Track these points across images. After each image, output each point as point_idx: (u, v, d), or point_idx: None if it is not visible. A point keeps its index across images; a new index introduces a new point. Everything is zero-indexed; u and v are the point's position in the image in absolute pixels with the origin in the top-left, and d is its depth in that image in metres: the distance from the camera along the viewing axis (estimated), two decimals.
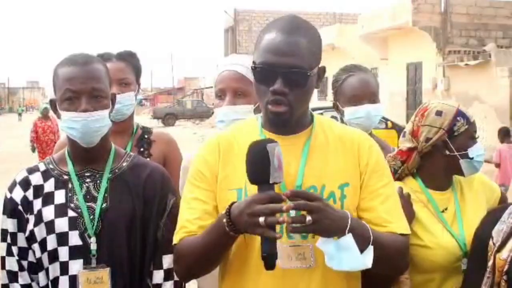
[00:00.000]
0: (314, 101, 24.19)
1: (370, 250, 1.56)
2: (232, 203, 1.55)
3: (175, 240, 1.71)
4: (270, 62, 1.60)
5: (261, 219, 1.43)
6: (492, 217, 1.92)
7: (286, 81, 1.60)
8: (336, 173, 1.68)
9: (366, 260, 1.54)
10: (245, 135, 1.74)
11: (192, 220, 1.68)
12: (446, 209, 2.07)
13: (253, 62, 1.66)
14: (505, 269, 1.76)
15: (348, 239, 1.52)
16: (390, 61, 19.97)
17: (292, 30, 1.63)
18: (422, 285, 2.01)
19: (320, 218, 1.47)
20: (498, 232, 1.84)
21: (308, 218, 1.46)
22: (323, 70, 1.72)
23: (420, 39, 17.58)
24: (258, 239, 1.54)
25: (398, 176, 2.12)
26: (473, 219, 2.02)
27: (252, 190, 1.60)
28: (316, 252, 1.62)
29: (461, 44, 17.55)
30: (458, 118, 2.06)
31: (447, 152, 2.06)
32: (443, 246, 1.99)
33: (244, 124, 1.82)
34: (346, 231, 1.52)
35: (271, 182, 1.46)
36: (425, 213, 2.03)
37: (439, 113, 2.06)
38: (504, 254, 1.79)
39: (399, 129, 13.43)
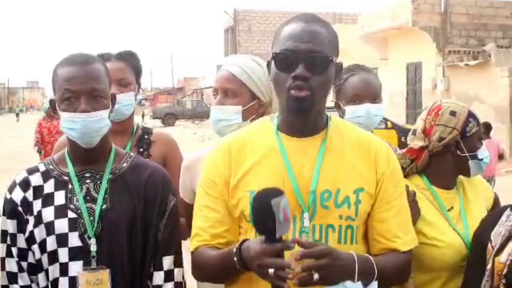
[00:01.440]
0: None
1: (374, 285, 1.60)
2: (243, 242, 1.58)
3: (191, 247, 1.76)
4: (291, 49, 1.62)
5: (271, 271, 1.45)
6: (491, 219, 1.92)
7: (308, 66, 1.61)
8: (352, 177, 1.67)
9: None
10: (259, 137, 1.74)
11: (205, 228, 1.72)
12: (452, 207, 2.07)
13: (273, 53, 1.66)
14: (504, 273, 1.76)
15: (357, 286, 1.55)
16: (390, 61, 19.96)
17: (311, 20, 1.67)
18: (428, 284, 2.01)
19: (328, 275, 1.50)
20: (496, 235, 1.84)
21: (316, 276, 1.48)
22: (340, 66, 1.72)
23: (420, 39, 17.58)
24: None
25: (405, 174, 2.11)
26: (476, 219, 2.02)
27: None
28: None
29: (461, 44, 17.55)
30: (470, 119, 2.07)
31: (458, 153, 2.06)
32: (451, 245, 1.98)
33: (257, 126, 1.80)
34: (356, 278, 1.54)
35: (277, 236, 1.45)
36: (432, 211, 2.03)
37: (453, 113, 2.06)
38: (503, 257, 1.78)
39: (399, 129, 13.45)
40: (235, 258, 1.56)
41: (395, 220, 1.69)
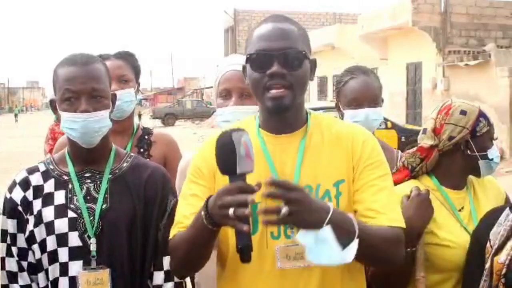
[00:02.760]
0: (314, 101, 24.20)
1: (353, 245, 1.48)
2: (210, 196, 1.53)
3: (171, 235, 1.72)
4: (265, 48, 1.64)
5: (230, 211, 1.39)
6: (490, 219, 1.91)
7: (282, 63, 1.62)
8: (331, 171, 1.67)
9: (346, 255, 1.46)
10: None
11: (188, 215, 1.67)
12: (462, 208, 2.06)
13: (247, 55, 1.69)
14: (503, 272, 1.75)
15: (326, 232, 1.44)
16: (390, 61, 19.97)
17: (282, 19, 1.70)
18: (439, 285, 1.99)
19: (297, 210, 1.40)
20: (495, 234, 1.83)
21: (284, 209, 1.38)
22: (314, 62, 1.74)
23: (420, 39, 17.58)
24: (254, 245, 1.52)
25: (415, 174, 2.11)
26: None
27: None
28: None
29: (461, 44, 17.55)
30: (481, 119, 2.06)
31: (468, 152, 2.05)
32: (462, 246, 1.97)
33: (243, 124, 1.81)
34: (324, 224, 1.44)
35: (238, 172, 1.41)
36: (442, 211, 2.02)
37: (463, 112, 2.05)
38: (501, 257, 1.77)
39: (399, 129, 13.44)
40: (202, 213, 1.52)
41: (374, 198, 1.65)
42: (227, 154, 1.42)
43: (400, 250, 1.68)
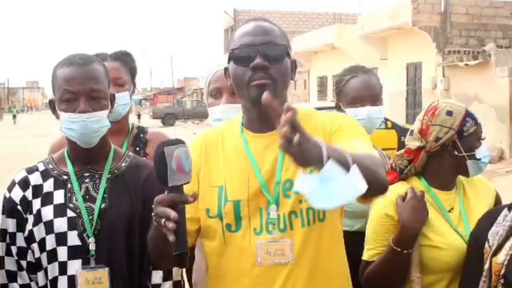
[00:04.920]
0: (314, 101, 24.17)
1: (356, 171, 1.32)
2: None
3: None
4: (247, 43, 1.69)
5: (162, 221, 1.43)
6: (488, 219, 1.91)
7: (265, 56, 1.67)
8: None
9: (358, 183, 1.31)
10: (229, 133, 1.80)
11: None
12: (452, 209, 2.06)
13: (229, 51, 1.72)
14: (501, 273, 1.75)
15: (331, 166, 1.29)
16: (389, 61, 19.96)
17: (262, 20, 1.76)
18: (431, 286, 2.00)
19: (303, 141, 1.30)
20: (493, 235, 1.83)
21: (297, 136, 1.28)
22: (295, 63, 1.79)
23: (420, 39, 17.57)
24: (235, 240, 1.64)
25: (404, 176, 2.11)
26: (477, 219, 2.01)
27: (230, 188, 1.69)
28: (295, 248, 1.65)
29: (461, 44, 17.54)
30: (467, 119, 2.05)
31: (456, 153, 2.05)
32: (453, 247, 1.97)
33: (231, 123, 1.86)
34: (324, 159, 1.31)
35: (170, 185, 1.44)
36: (432, 213, 2.01)
37: (449, 113, 2.05)
38: (500, 258, 1.77)
39: (399, 129, 13.43)
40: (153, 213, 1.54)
41: (349, 142, 1.62)
42: (160, 168, 1.45)
43: (383, 170, 1.58)
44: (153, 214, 1.50)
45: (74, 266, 1.87)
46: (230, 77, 1.74)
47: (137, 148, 2.54)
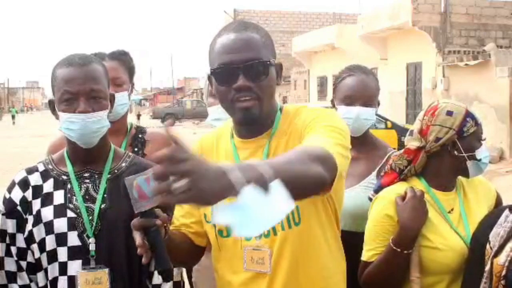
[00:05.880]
0: (314, 101, 24.17)
1: (276, 189, 1.14)
2: None
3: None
4: (228, 61, 1.61)
5: (137, 243, 1.50)
6: (489, 220, 1.91)
7: (248, 76, 1.61)
8: None
9: (282, 202, 1.14)
10: (222, 138, 1.80)
11: (178, 217, 1.81)
12: (452, 209, 2.05)
13: (210, 69, 1.67)
14: (502, 274, 1.74)
15: (247, 192, 1.11)
16: (389, 61, 19.96)
17: (241, 28, 1.66)
18: (431, 287, 1.99)
19: (193, 183, 1.07)
20: (495, 236, 1.82)
21: (175, 185, 1.08)
22: (280, 66, 1.73)
23: (420, 39, 17.57)
24: (227, 245, 1.69)
25: (404, 176, 2.10)
26: (477, 220, 2.00)
27: None
28: (274, 260, 1.64)
29: (461, 44, 17.53)
30: (468, 119, 2.03)
31: (456, 153, 2.04)
32: (452, 248, 1.96)
33: (225, 127, 1.85)
34: (238, 187, 1.09)
35: (136, 212, 1.53)
36: (432, 213, 2.00)
37: (449, 113, 2.03)
38: (501, 259, 1.76)
39: (399, 129, 13.42)
40: None
41: (315, 135, 1.56)
42: (126, 197, 1.54)
43: (331, 165, 1.41)
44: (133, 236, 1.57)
45: (74, 267, 1.87)
46: (214, 89, 1.70)
47: (136, 149, 2.53)
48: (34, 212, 1.91)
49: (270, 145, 1.70)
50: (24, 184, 1.95)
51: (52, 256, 1.88)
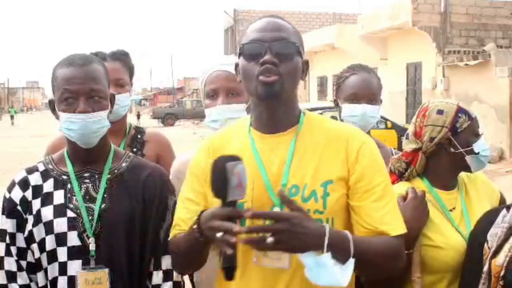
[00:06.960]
0: (314, 101, 24.18)
1: (349, 266, 1.52)
2: (203, 211, 1.60)
3: (170, 235, 1.79)
4: (258, 38, 1.67)
5: (218, 235, 1.45)
6: (488, 219, 1.90)
7: (275, 53, 1.64)
8: (320, 171, 1.67)
9: (342, 278, 1.50)
10: (236, 135, 1.78)
11: (185, 219, 1.74)
12: (454, 208, 2.06)
13: (240, 46, 1.71)
14: (501, 275, 1.74)
15: (326, 259, 1.49)
16: (389, 61, 19.96)
17: (276, 17, 1.74)
18: (432, 285, 1.99)
19: (285, 239, 1.45)
20: (492, 236, 1.81)
21: (269, 239, 1.44)
22: (306, 63, 1.76)
23: (420, 39, 17.57)
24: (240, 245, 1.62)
25: (406, 178, 2.10)
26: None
27: None
28: (293, 255, 1.61)
29: (461, 44, 17.53)
30: (460, 115, 2.05)
31: (452, 150, 2.05)
32: (454, 247, 1.97)
33: (236, 124, 1.84)
34: (324, 250, 1.49)
35: (229, 200, 1.48)
36: (434, 212, 2.01)
37: (440, 112, 2.05)
38: (499, 259, 1.76)
39: (398, 129, 13.43)
40: (195, 227, 1.59)
41: (375, 205, 1.65)
42: (220, 182, 1.47)
43: (399, 261, 1.69)
44: (195, 227, 1.56)
45: (74, 267, 1.87)
46: (240, 72, 1.72)
47: (135, 149, 2.53)
48: (34, 212, 1.91)
49: (295, 144, 1.70)
50: (24, 184, 1.95)
51: (52, 256, 1.88)
